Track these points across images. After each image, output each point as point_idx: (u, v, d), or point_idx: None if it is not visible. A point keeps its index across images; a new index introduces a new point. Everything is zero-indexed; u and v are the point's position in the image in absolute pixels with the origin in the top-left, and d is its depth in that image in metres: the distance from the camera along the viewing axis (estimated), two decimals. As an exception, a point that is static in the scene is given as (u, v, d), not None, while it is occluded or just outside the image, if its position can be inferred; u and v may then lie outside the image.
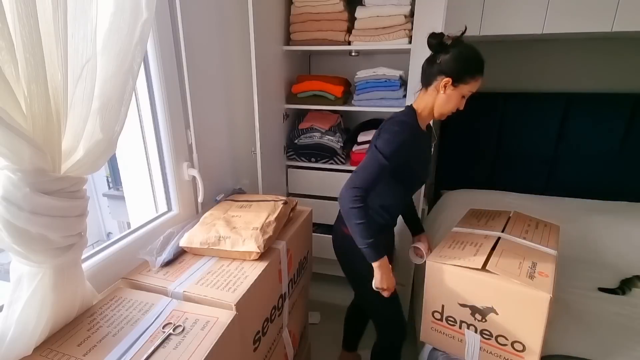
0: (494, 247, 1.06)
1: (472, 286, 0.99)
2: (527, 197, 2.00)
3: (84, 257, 0.88)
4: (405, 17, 1.60)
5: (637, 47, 1.86)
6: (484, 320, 0.99)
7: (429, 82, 1.07)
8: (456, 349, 1.09)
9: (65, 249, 0.69)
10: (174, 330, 0.72)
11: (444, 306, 1.06)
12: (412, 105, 1.13)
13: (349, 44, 1.74)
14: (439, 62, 1.03)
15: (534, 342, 0.92)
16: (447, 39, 1.02)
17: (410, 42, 1.58)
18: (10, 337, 0.64)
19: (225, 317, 0.77)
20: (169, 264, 0.99)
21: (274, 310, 1.07)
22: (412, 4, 1.60)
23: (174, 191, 1.21)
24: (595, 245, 1.66)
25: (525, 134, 2.05)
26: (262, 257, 1.00)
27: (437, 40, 1.03)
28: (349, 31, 1.73)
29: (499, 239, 1.12)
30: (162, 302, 0.82)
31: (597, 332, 1.16)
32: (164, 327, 0.73)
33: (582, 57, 1.94)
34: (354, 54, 2.01)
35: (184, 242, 1.03)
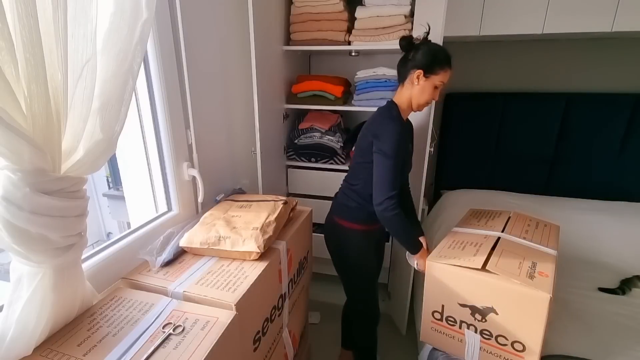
0: (494, 247, 1.06)
1: (472, 286, 0.99)
2: (527, 197, 2.00)
3: (84, 257, 0.88)
4: (405, 17, 1.60)
5: (637, 47, 1.86)
6: (484, 320, 0.99)
7: (404, 77, 1.20)
8: (456, 349, 1.09)
9: (65, 249, 0.69)
10: (174, 330, 0.73)
11: (444, 306, 1.06)
12: (393, 99, 1.25)
13: (349, 44, 1.74)
14: (410, 59, 1.17)
15: (534, 342, 0.92)
16: (415, 40, 1.18)
17: (410, 42, 1.58)
18: (10, 337, 0.64)
19: (225, 317, 0.77)
20: (169, 264, 0.99)
21: (274, 310, 1.07)
22: (412, 4, 1.60)
23: (174, 191, 1.21)
24: (595, 245, 1.66)
25: (525, 134, 2.04)
26: (262, 257, 1.00)
27: (406, 41, 1.18)
28: (349, 31, 1.74)
29: (499, 239, 1.12)
30: (162, 302, 0.82)
31: (597, 332, 1.16)
32: (164, 327, 0.73)
33: (582, 57, 1.94)
34: (354, 54, 2.01)
35: (184, 242, 1.03)
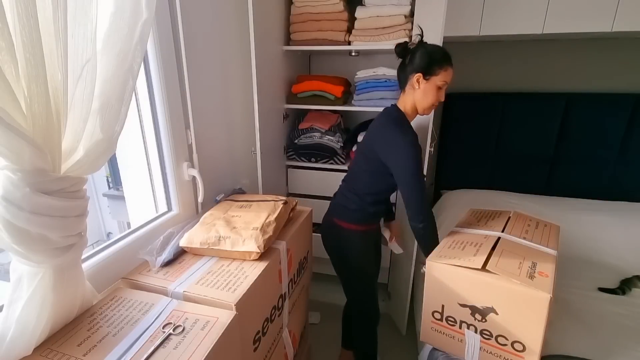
0: (494, 247, 1.06)
1: (472, 286, 0.98)
2: (527, 197, 2.00)
3: (84, 257, 0.88)
4: (405, 17, 1.60)
5: (637, 47, 1.86)
6: (484, 320, 0.99)
7: (405, 83, 1.18)
8: (456, 349, 1.09)
9: (65, 249, 0.69)
10: (174, 330, 0.72)
11: (444, 306, 1.06)
12: (397, 104, 1.23)
13: (349, 44, 1.74)
14: (408, 64, 1.16)
15: (534, 342, 0.92)
16: (410, 44, 1.17)
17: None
18: (10, 337, 0.64)
19: (225, 317, 0.77)
20: (169, 264, 0.99)
21: (274, 310, 1.07)
22: (412, 4, 1.60)
23: (174, 191, 1.21)
24: (595, 245, 1.66)
25: (525, 134, 2.04)
26: (262, 257, 1.00)
27: (401, 47, 1.17)
28: (349, 31, 1.74)
29: (499, 239, 1.12)
30: (162, 302, 0.82)
31: (597, 332, 1.16)
32: (164, 327, 0.73)
33: (582, 57, 1.94)
34: (354, 54, 2.01)
35: (184, 242, 1.03)
